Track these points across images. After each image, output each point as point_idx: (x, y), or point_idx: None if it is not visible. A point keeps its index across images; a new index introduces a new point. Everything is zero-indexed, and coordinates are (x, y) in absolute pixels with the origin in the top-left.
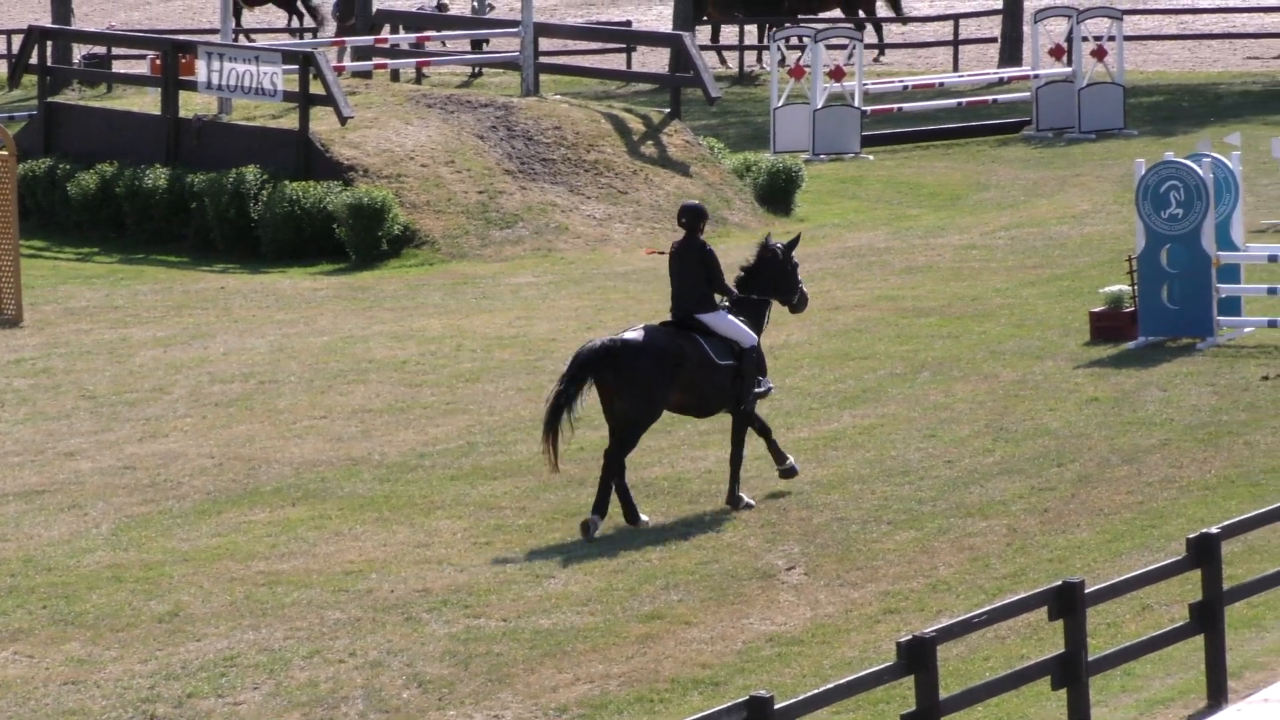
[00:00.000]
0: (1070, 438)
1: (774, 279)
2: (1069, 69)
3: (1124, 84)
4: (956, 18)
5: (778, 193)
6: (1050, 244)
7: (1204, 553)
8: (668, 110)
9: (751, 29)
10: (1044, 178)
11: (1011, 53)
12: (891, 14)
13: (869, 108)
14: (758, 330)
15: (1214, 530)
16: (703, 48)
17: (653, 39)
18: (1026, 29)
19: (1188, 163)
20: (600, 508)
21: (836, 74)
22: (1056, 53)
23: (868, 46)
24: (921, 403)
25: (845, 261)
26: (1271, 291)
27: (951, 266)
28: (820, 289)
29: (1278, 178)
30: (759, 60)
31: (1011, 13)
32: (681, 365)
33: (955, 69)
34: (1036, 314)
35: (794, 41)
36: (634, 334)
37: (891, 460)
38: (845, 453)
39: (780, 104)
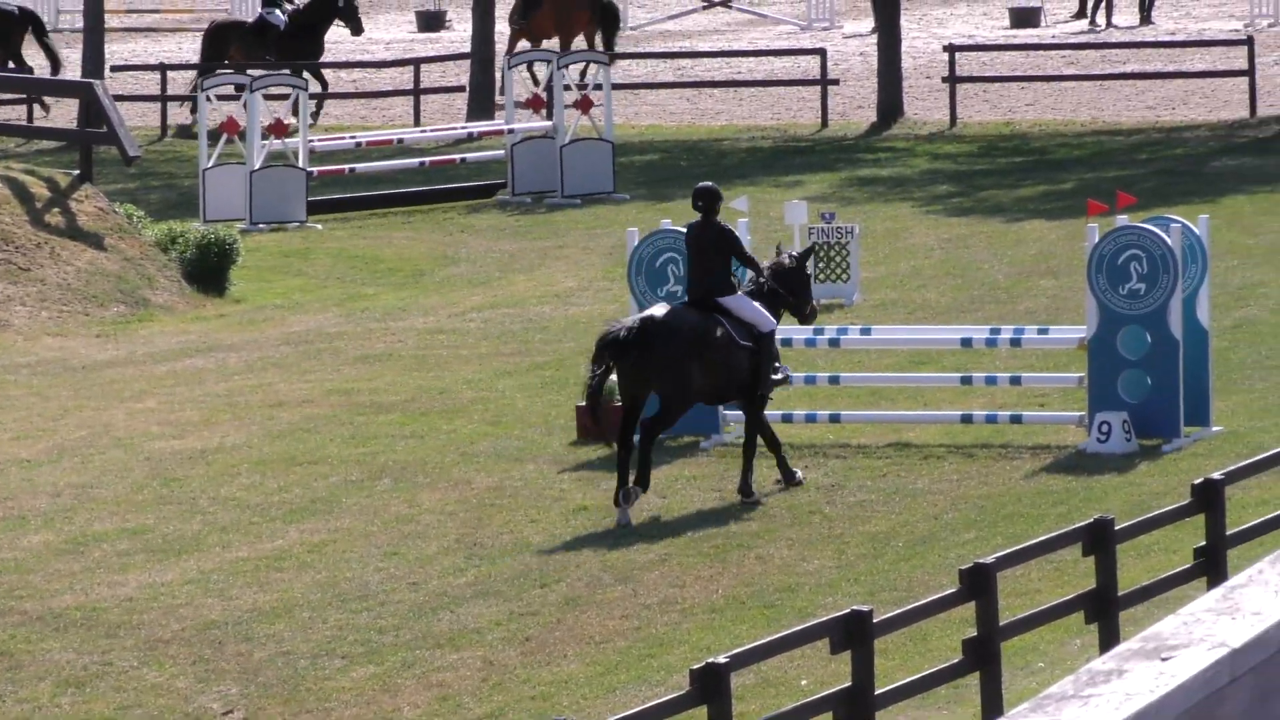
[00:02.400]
0: (555, 554)
1: (794, 283)
2: (549, 123)
3: (613, 140)
4: (417, 62)
5: (209, 269)
6: (530, 327)
7: (709, 685)
8: (77, 172)
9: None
10: (522, 249)
11: (483, 104)
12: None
13: (315, 169)
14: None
15: (722, 660)
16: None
17: (58, 88)
18: (500, 76)
19: (681, 230)
20: (643, 480)
21: (278, 129)
22: (535, 104)
23: (314, 96)
24: (381, 515)
25: (290, 349)
26: (810, 380)
27: (415, 354)
28: (260, 382)
29: (793, 247)
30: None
31: (482, 58)
32: (709, 344)
33: (417, 123)
34: (515, 409)
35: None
36: (660, 312)
37: (346, 583)
38: (292, 575)
39: (210, 164)
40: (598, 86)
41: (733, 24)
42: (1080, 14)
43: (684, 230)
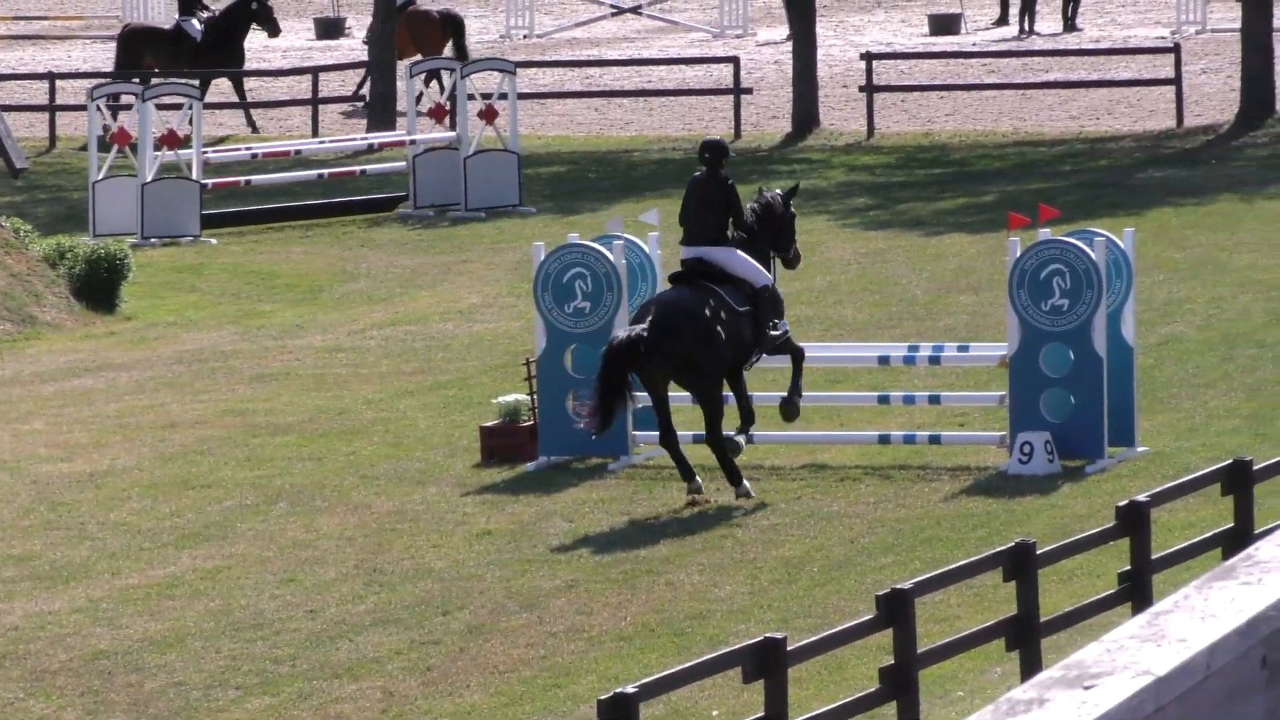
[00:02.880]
0: (458, 580)
1: (775, 228)
2: (453, 133)
3: (519, 151)
4: (315, 70)
5: (99, 285)
6: (432, 345)
7: (618, 716)
8: None
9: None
10: (424, 265)
11: (384, 114)
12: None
13: (210, 181)
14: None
15: (631, 690)
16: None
17: None
18: (401, 85)
19: (596, 247)
20: (733, 477)
21: (170, 140)
22: (437, 114)
23: (210, 106)
24: (278, 540)
25: (183, 368)
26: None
27: (313, 373)
28: (152, 402)
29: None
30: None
31: (383, 66)
32: (718, 321)
33: (315, 133)
34: (417, 430)
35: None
36: (663, 307)
37: (241, 611)
38: (184, 603)
39: (100, 176)
40: (503, 96)
41: (643, 31)
42: (1002, 21)
43: (591, 246)
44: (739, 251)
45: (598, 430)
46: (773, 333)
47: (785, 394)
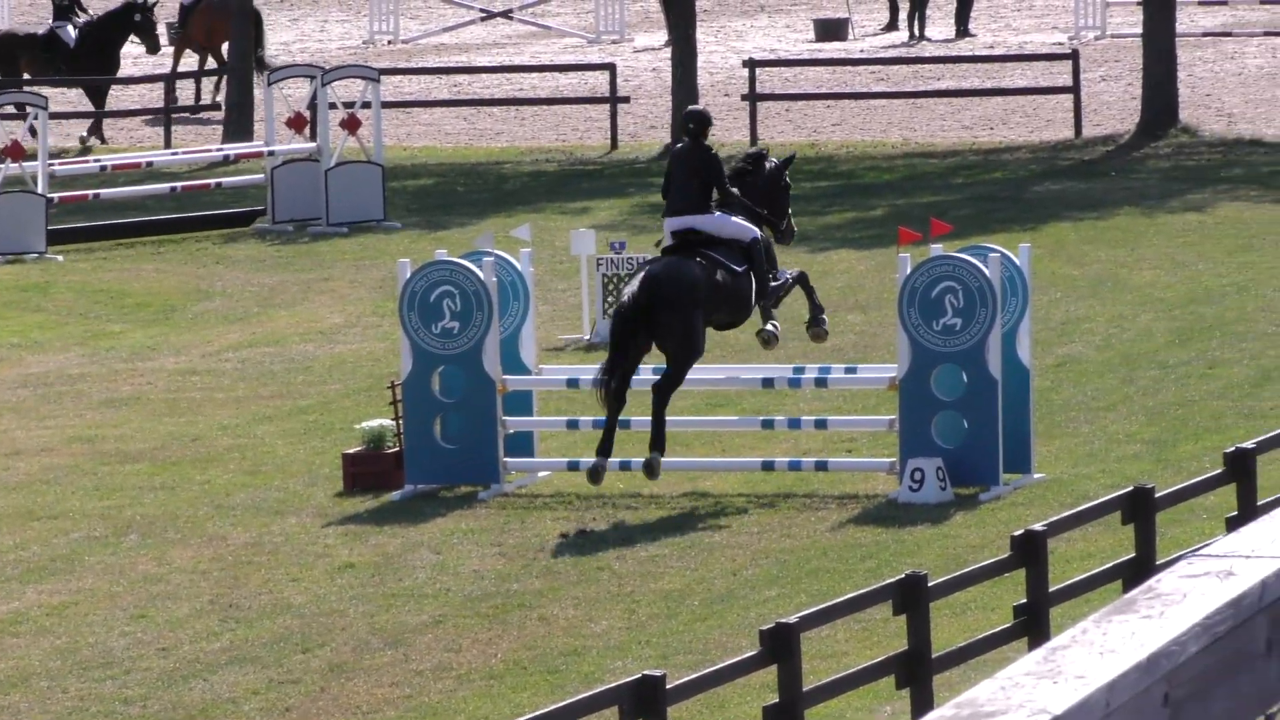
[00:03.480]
0: (319, 616)
1: (769, 190)
2: (313, 144)
3: (383, 163)
4: (169, 78)
5: None
6: (292, 367)
7: None
8: None
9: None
10: (284, 283)
11: (240, 124)
12: (145, 48)
13: (56, 195)
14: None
15: None
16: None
17: None
18: (259, 94)
19: (466, 264)
20: (658, 443)
21: (13, 151)
22: (297, 123)
23: (55, 116)
24: (128, 574)
25: (28, 392)
26: (572, 425)
27: (165, 398)
28: None
29: (577, 280)
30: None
31: (240, 74)
32: (714, 290)
33: (168, 145)
34: (275, 457)
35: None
36: (660, 269)
37: (89, 649)
38: (29, 640)
39: None
40: (366, 104)
41: (514, 37)
42: (891, 26)
43: (459, 263)
44: (721, 215)
45: (604, 398)
46: (773, 283)
47: (808, 320)
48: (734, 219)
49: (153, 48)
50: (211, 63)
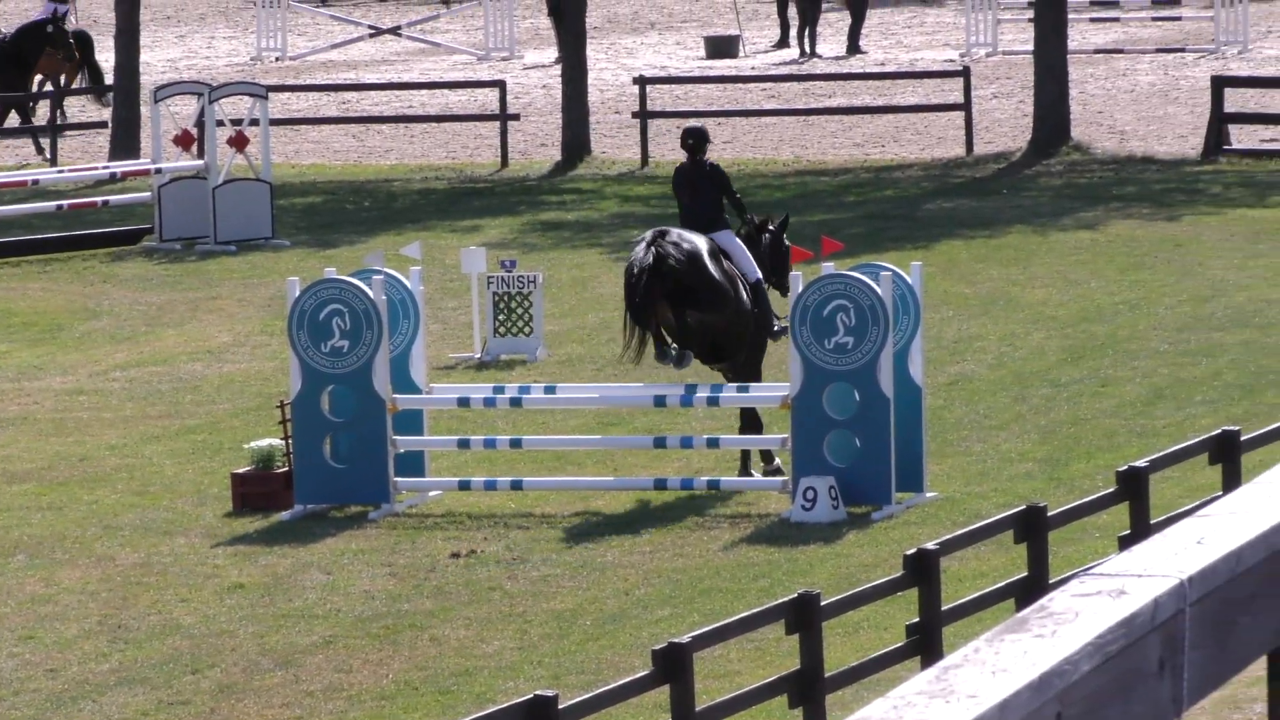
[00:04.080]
0: (208, 636)
1: (771, 253)
2: (201, 162)
3: (272, 181)
4: (55, 96)
5: None
6: (180, 387)
7: None
8: None
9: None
10: (172, 301)
11: (127, 141)
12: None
13: None
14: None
15: None
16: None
17: None
18: (146, 110)
19: (355, 282)
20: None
21: None
22: (184, 141)
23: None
24: (16, 595)
25: None
26: (463, 444)
27: (52, 418)
28: None
29: (467, 299)
30: None
31: (127, 89)
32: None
33: (54, 162)
34: (164, 477)
35: None
36: (678, 234)
37: None
38: None
39: None
40: (254, 122)
41: (403, 54)
42: (782, 43)
43: (349, 282)
44: (739, 241)
45: (637, 359)
46: (774, 329)
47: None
48: (747, 252)
49: (69, 58)
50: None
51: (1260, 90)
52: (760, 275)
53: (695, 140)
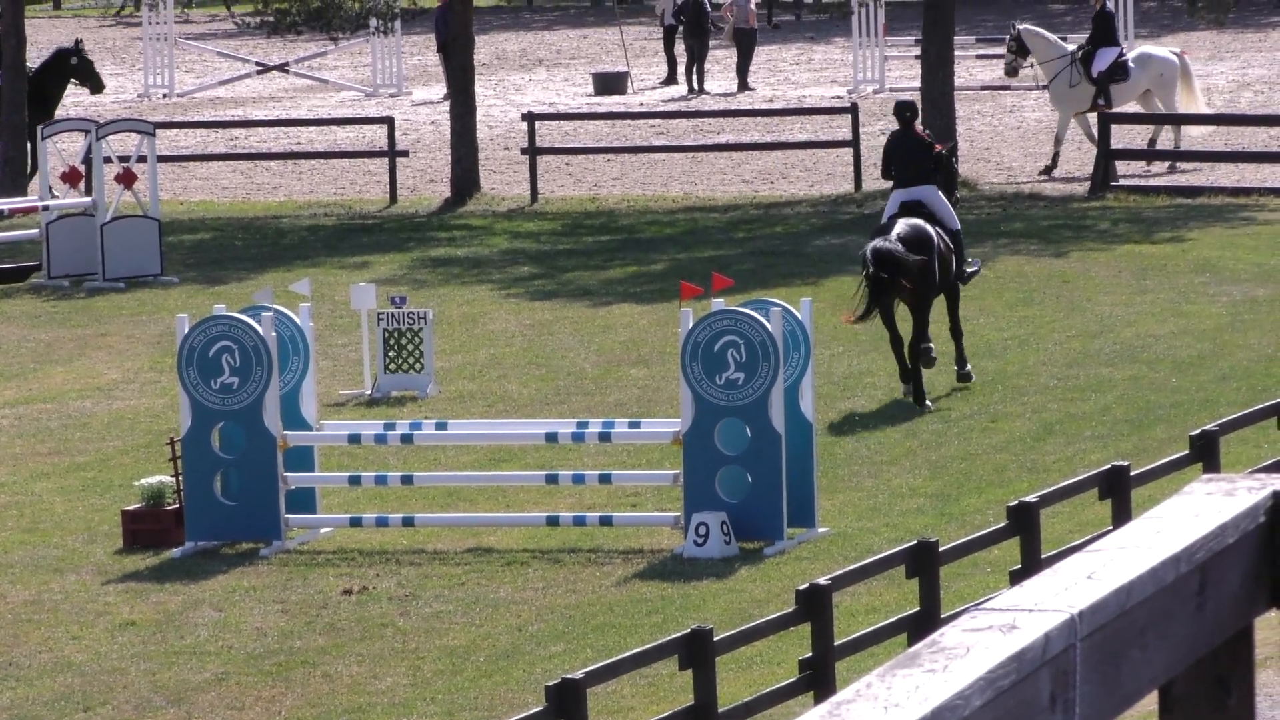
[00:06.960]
0: (100, 674)
1: (946, 177)
2: (89, 199)
3: (160, 217)
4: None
5: None
6: (69, 424)
7: None
8: None
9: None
10: (60, 338)
11: (15, 178)
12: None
13: None
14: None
15: None
16: None
17: None
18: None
19: (245, 319)
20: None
21: None
22: (72, 177)
23: None
24: None
25: None
26: (354, 481)
27: None
28: None
29: (358, 335)
30: None
31: (14, 126)
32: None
33: None
34: (54, 515)
35: None
36: (907, 229)
37: None
38: None
39: None
40: (141, 158)
41: (291, 90)
42: (670, 80)
43: (239, 318)
44: (941, 194)
45: (860, 319)
46: (969, 269)
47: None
48: (948, 203)
49: (97, 88)
50: None
51: (1146, 126)
52: (959, 226)
53: (910, 112)
